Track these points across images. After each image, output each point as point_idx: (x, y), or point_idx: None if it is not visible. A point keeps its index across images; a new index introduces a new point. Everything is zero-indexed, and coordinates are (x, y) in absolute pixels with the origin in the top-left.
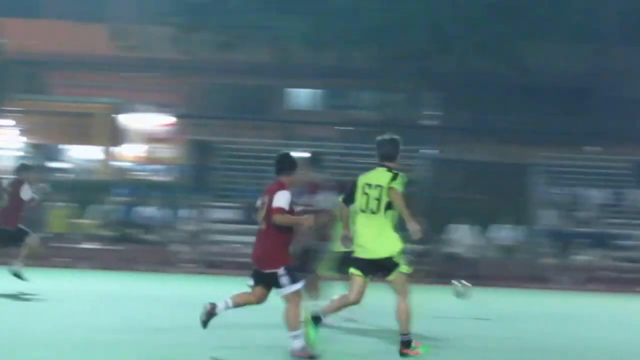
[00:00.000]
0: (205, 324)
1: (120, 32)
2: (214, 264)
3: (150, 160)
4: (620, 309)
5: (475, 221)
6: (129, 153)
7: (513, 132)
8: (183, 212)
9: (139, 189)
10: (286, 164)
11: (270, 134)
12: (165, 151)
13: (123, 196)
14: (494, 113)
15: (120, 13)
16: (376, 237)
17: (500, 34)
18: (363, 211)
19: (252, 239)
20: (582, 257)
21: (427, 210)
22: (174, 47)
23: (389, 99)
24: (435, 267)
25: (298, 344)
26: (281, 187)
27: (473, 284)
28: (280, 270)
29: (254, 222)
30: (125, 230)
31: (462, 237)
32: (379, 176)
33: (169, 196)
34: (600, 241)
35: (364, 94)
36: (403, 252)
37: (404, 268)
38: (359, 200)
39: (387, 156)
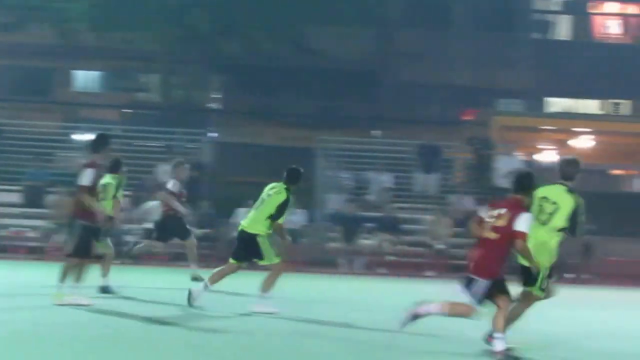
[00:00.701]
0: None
1: None
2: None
3: None
4: (403, 293)
5: None
6: None
7: (299, 116)
8: None
9: None
10: (527, 184)
11: (54, 116)
12: None
13: None
14: (280, 96)
15: None
16: (538, 247)
17: (286, 16)
18: (535, 221)
19: (36, 222)
20: (369, 242)
21: (210, 194)
22: None
23: (173, 82)
24: (220, 251)
25: (499, 345)
26: (523, 209)
27: (259, 269)
28: (483, 281)
29: (38, 205)
30: None
31: None
32: (559, 194)
33: None
34: (387, 225)
35: (148, 76)
36: (547, 274)
37: (537, 290)
38: (534, 210)
39: (569, 176)
